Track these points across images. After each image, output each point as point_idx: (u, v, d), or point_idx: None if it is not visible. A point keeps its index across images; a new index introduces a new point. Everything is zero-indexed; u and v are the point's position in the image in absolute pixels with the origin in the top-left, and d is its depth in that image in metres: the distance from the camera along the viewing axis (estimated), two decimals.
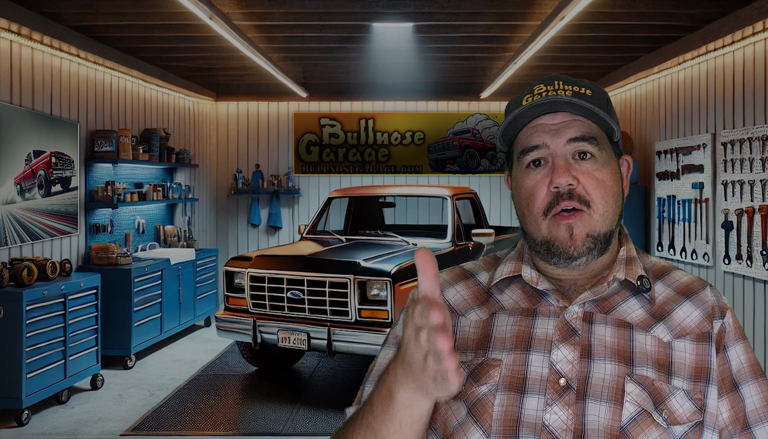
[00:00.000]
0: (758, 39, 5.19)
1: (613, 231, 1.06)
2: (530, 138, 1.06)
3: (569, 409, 0.97)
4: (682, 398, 0.99)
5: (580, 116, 1.05)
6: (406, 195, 8.06)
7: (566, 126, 1.04)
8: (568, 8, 4.63)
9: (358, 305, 5.06)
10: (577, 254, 1.03)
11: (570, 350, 1.01)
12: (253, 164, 9.56)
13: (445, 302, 1.12)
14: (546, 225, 1.04)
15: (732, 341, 1.04)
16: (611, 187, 1.05)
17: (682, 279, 1.10)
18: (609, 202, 1.04)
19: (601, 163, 1.04)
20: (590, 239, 1.03)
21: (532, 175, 1.05)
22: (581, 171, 1.03)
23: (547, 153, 1.04)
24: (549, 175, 1.03)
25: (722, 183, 5.77)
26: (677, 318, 1.04)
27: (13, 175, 5.22)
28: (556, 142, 1.04)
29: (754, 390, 1.02)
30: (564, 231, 1.02)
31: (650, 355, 1.01)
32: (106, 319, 5.98)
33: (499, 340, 1.05)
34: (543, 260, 1.07)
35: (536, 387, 0.99)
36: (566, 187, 1.02)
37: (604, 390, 0.98)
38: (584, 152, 1.04)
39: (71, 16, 5.34)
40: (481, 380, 1.02)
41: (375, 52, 6.89)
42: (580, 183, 1.02)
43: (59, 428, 4.74)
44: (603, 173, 1.04)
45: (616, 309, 1.05)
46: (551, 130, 1.04)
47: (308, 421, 4.90)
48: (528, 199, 1.05)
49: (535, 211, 1.05)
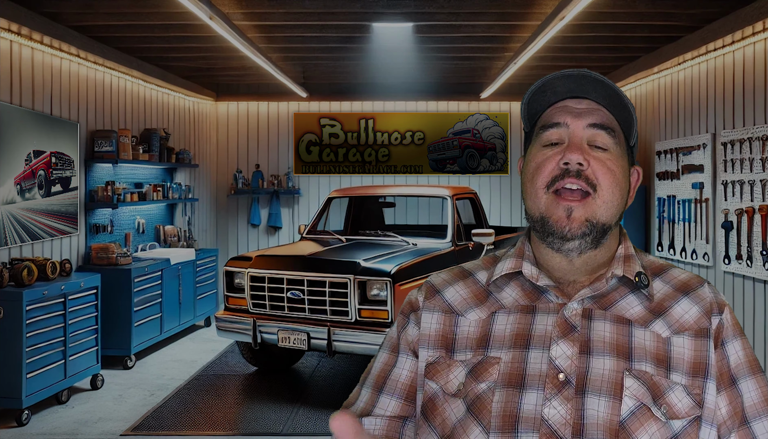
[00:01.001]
0: (758, 39, 5.19)
1: (611, 226, 1.06)
2: (553, 116, 1.08)
3: (568, 404, 0.98)
4: (681, 392, 1.00)
5: (604, 108, 1.07)
6: (406, 195, 8.06)
7: (589, 112, 1.06)
8: (568, 8, 4.63)
9: (358, 305, 5.06)
10: (570, 235, 1.03)
11: (569, 346, 1.01)
12: (253, 164, 9.56)
13: (444, 302, 1.13)
14: (545, 201, 1.05)
15: (730, 337, 1.05)
16: (620, 180, 1.05)
17: (680, 276, 1.11)
18: (615, 193, 1.05)
19: (614, 156, 1.06)
20: (588, 225, 1.03)
21: (544, 151, 1.07)
22: (594, 156, 1.04)
23: (566, 133, 1.06)
24: (561, 153, 1.04)
25: (722, 183, 5.77)
26: (675, 314, 1.05)
27: (13, 175, 5.22)
28: (577, 124, 1.05)
29: (752, 386, 1.03)
30: (562, 211, 1.03)
31: (649, 350, 1.02)
32: (106, 319, 5.98)
33: (498, 338, 1.06)
34: (540, 239, 1.08)
35: (535, 383, 1.00)
36: (576, 166, 1.03)
37: (603, 385, 0.98)
38: (599, 145, 1.05)
39: (71, 16, 5.34)
40: (480, 378, 1.03)
41: (375, 52, 6.89)
42: (590, 166, 1.03)
43: (59, 428, 4.74)
44: (614, 164, 1.05)
45: (615, 305, 1.05)
46: (574, 112, 1.06)
47: (308, 421, 4.90)
48: (534, 172, 1.06)
49: (537, 183, 1.05)
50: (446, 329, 1.10)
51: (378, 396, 1.11)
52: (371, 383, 1.13)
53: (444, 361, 1.08)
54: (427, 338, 1.11)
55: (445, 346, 1.09)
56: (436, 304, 1.13)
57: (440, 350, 1.09)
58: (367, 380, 1.14)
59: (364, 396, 1.12)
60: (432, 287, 1.16)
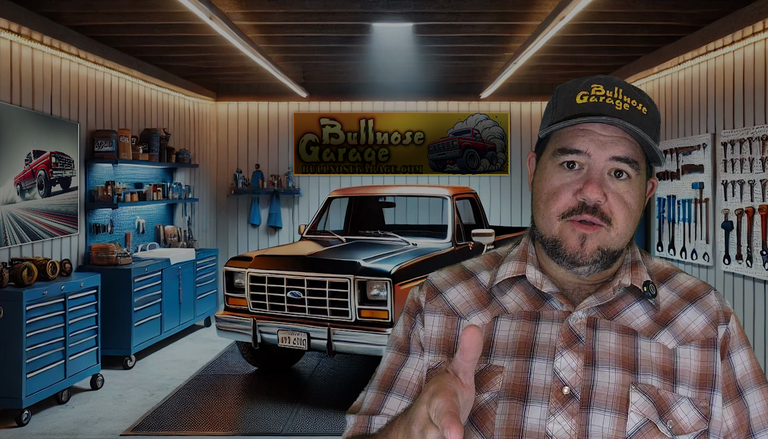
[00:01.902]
0: (758, 39, 5.19)
1: (622, 250, 1.04)
2: (575, 140, 1.01)
3: (573, 419, 0.96)
4: (687, 406, 0.98)
5: (630, 135, 1.01)
6: (406, 195, 8.05)
7: (614, 142, 1.00)
8: (568, 8, 4.63)
9: (358, 305, 5.06)
10: (582, 262, 1.01)
11: (574, 358, 0.99)
12: (253, 164, 9.56)
13: (445, 304, 1.10)
14: (559, 226, 1.01)
15: (736, 347, 1.04)
16: (635, 211, 1.02)
17: (686, 283, 1.09)
18: (629, 225, 1.02)
19: (634, 187, 1.02)
20: (599, 253, 1.00)
21: (562, 175, 1.02)
22: (612, 190, 1.00)
23: (586, 161, 1.01)
24: (579, 183, 1.00)
25: (722, 183, 5.77)
26: (682, 324, 1.03)
27: (13, 175, 5.22)
28: (599, 155, 1.00)
29: (758, 397, 1.02)
30: (576, 239, 1.00)
31: (655, 362, 1.00)
32: (106, 319, 5.98)
33: (501, 346, 1.03)
34: (548, 255, 1.05)
35: (539, 395, 0.98)
36: (593, 202, 0.99)
37: (609, 400, 0.97)
38: (621, 171, 1.01)
39: (71, 16, 5.34)
40: (483, 387, 1.01)
41: (375, 52, 6.89)
42: (608, 201, 1.00)
43: (59, 428, 4.74)
44: (632, 196, 1.01)
45: (621, 315, 1.03)
46: (598, 142, 1.00)
47: (308, 421, 4.90)
48: (549, 196, 1.02)
49: (553, 210, 1.02)
50: (448, 333, 1.08)
51: (386, 396, 1.07)
52: (378, 384, 1.10)
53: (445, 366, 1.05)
54: (429, 342, 1.08)
55: (447, 350, 1.07)
56: (437, 305, 1.11)
57: (442, 354, 1.07)
58: (374, 381, 1.11)
59: (370, 397, 1.09)
60: (433, 287, 1.13)
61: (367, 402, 1.08)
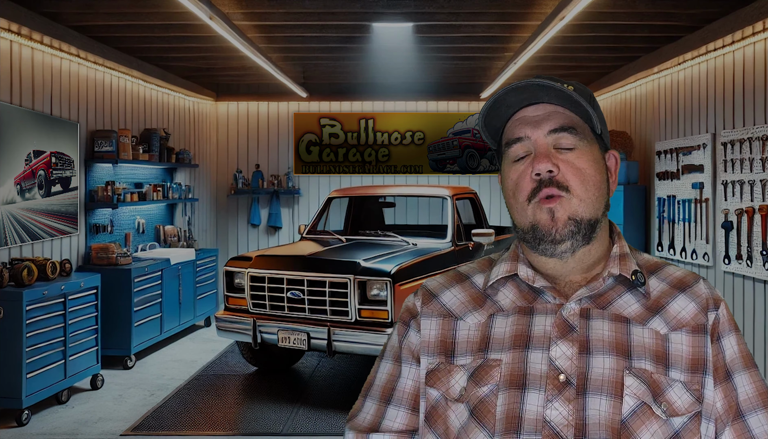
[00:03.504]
0: (758, 39, 5.19)
1: (598, 220, 1.07)
2: (514, 131, 1.09)
3: (570, 405, 0.98)
4: (680, 389, 1.01)
5: (561, 108, 1.07)
6: (406, 195, 8.05)
7: (547, 118, 1.07)
8: (568, 8, 4.63)
9: (358, 305, 5.06)
10: (560, 237, 1.04)
11: (568, 346, 1.02)
12: (253, 164, 9.56)
13: (442, 306, 1.13)
14: (530, 210, 1.06)
15: (726, 332, 1.06)
16: (592, 175, 1.06)
17: (676, 273, 1.12)
18: (589, 189, 1.05)
19: (583, 153, 1.06)
20: (572, 222, 1.04)
21: (516, 167, 1.08)
22: (562, 160, 1.05)
23: (530, 144, 1.07)
24: (531, 165, 1.06)
25: (722, 183, 5.77)
26: (673, 311, 1.06)
27: (13, 175, 5.22)
28: (537, 133, 1.06)
29: (747, 380, 1.04)
30: (546, 214, 1.04)
31: (648, 348, 1.03)
32: (106, 319, 5.98)
33: (497, 341, 1.06)
34: (532, 249, 1.09)
35: (536, 384, 1.00)
36: (547, 174, 1.04)
37: (604, 385, 0.99)
38: (566, 145, 1.06)
39: (71, 16, 5.34)
40: (482, 381, 1.03)
41: (375, 52, 6.89)
42: (560, 170, 1.05)
43: (59, 428, 4.74)
44: (583, 161, 1.06)
45: (612, 304, 1.06)
46: (533, 122, 1.07)
47: (308, 421, 4.90)
48: (514, 189, 1.08)
49: (520, 199, 1.07)
50: (445, 334, 1.11)
51: (386, 408, 1.12)
52: (377, 395, 1.13)
53: (444, 367, 1.08)
54: (427, 345, 1.11)
55: (445, 351, 1.09)
56: (433, 309, 1.14)
57: (440, 356, 1.09)
58: (372, 391, 1.14)
59: (370, 408, 1.13)
60: (428, 292, 1.17)
61: (367, 414, 1.13)
